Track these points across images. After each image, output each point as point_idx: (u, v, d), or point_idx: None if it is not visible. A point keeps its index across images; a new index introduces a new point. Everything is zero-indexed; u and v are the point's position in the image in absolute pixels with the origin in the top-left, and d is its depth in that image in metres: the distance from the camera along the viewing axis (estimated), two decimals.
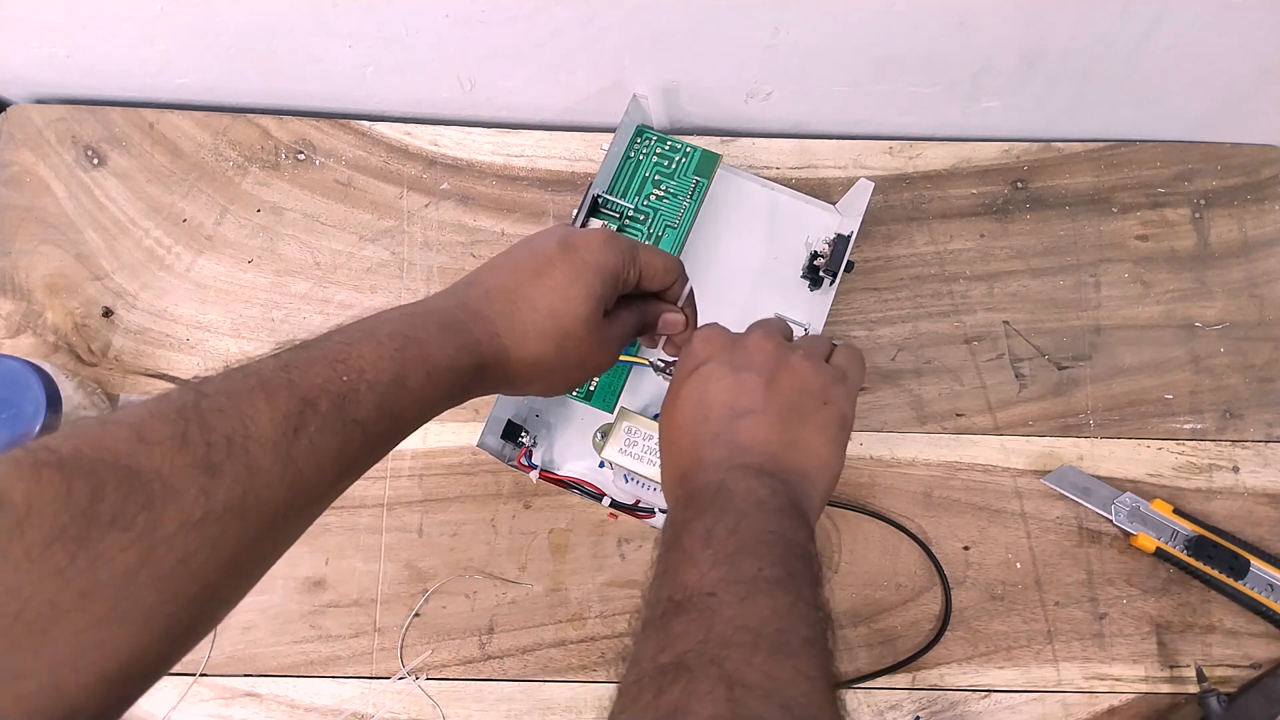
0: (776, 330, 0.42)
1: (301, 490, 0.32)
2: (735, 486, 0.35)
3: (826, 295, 0.58)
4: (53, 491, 0.26)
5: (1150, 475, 0.59)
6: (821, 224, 0.61)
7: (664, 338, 0.48)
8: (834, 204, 0.62)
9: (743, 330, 0.43)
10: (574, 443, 0.57)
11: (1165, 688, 0.56)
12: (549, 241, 0.42)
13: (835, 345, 0.43)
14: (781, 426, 0.38)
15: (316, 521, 0.57)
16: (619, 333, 0.44)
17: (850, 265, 0.57)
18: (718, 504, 0.35)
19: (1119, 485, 0.58)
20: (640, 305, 0.46)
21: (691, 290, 0.47)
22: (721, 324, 0.44)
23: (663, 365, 0.49)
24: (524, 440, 0.55)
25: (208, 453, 0.29)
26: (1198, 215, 0.64)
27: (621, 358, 0.55)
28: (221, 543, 0.29)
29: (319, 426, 0.32)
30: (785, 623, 0.30)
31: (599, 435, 0.57)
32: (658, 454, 0.52)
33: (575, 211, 0.56)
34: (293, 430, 0.32)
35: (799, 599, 0.31)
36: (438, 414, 0.39)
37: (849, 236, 0.56)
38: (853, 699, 0.55)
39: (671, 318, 0.47)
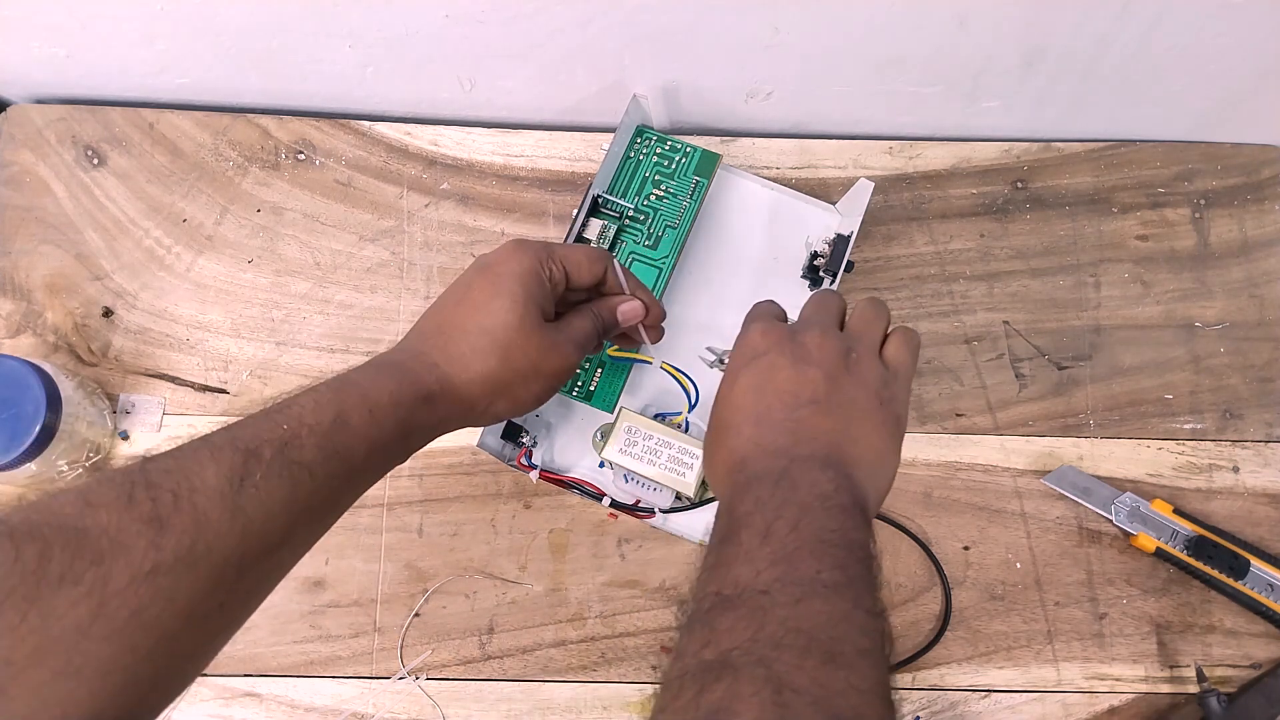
0: (833, 325, 0.42)
1: (254, 538, 0.32)
2: (799, 477, 0.34)
3: None
4: (1, 557, 0.27)
5: (1150, 475, 0.59)
6: (821, 224, 0.61)
7: (641, 329, 0.48)
8: (834, 204, 0.62)
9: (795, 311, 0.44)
10: (574, 443, 0.57)
11: (1165, 688, 0.56)
12: (467, 272, 0.44)
13: (889, 331, 0.42)
14: (844, 419, 0.37)
15: None
16: (571, 335, 0.44)
17: (850, 265, 0.57)
18: (779, 495, 0.34)
19: (1119, 485, 0.58)
20: (590, 307, 0.46)
21: (628, 270, 0.47)
22: (776, 302, 0.44)
23: (714, 358, 0.49)
24: (524, 440, 0.55)
25: (154, 508, 0.30)
26: (1198, 215, 0.64)
27: (622, 355, 0.55)
28: (175, 593, 0.29)
29: (264, 474, 0.33)
30: (840, 630, 0.29)
31: (599, 435, 0.57)
32: (658, 454, 0.52)
33: (575, 211, 0.56)
34: (239, 480, 0.32)
35: (857, 607, 0.30)
36: (396, 456, 0.39)
37: (849, 236, 0.57)
38: None
39: (628, 307, 0.47)
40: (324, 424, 0.36)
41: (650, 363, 0.53)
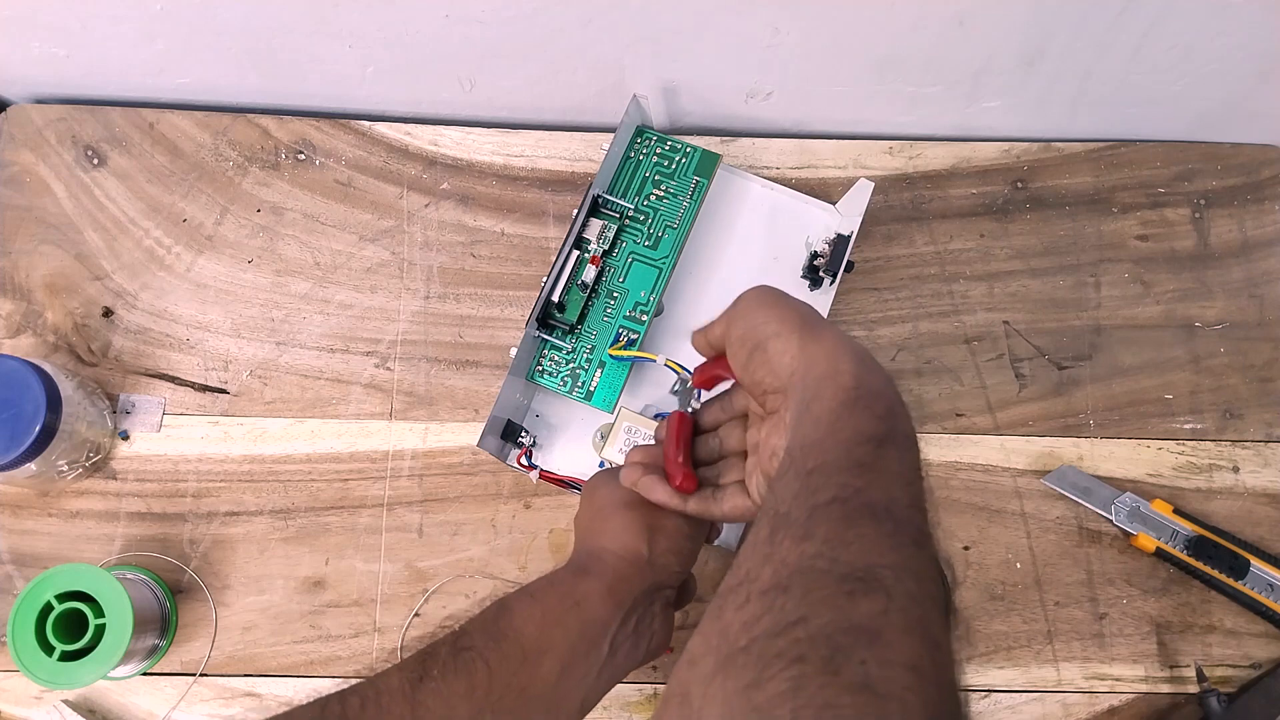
0: None
1: None
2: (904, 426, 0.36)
3: (826, 295, 0.58)
4: None
5: (1150, 475, 0.59)
6: (821, 224, 0.61)
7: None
8: (834, 204, 0.62)
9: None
10: (574, 443, 0.57)
11: (1165, 688, 0.56)
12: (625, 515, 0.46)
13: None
14: None
15: (316, 521, 0.58)
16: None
17: (850, 265, 0.57)
18: (914, 446, 0.35)
19: (1119, 485, 0.58)
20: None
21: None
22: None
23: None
24: (524, 440, 0.55)
25: (343, 710, 0.36)
26: (1198, 215, 0.64)
27: (623, 354, 0.55)
28: None
29: (440, 669, 0.38)
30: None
31: (599, 435, 0.57)
32: None
33: (575, 211, 0.56)
34: (417, 679, 0.37)
35: (935, 559, 0.33)
36: (578, 636, 0.41)
37: (849, 236, 0.57)
38: None
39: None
40: (488, 615, 0.41)
41: (655, 360, 0.53)
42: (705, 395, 0.47)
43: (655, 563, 0.44)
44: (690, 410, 0.47)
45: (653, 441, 0.51)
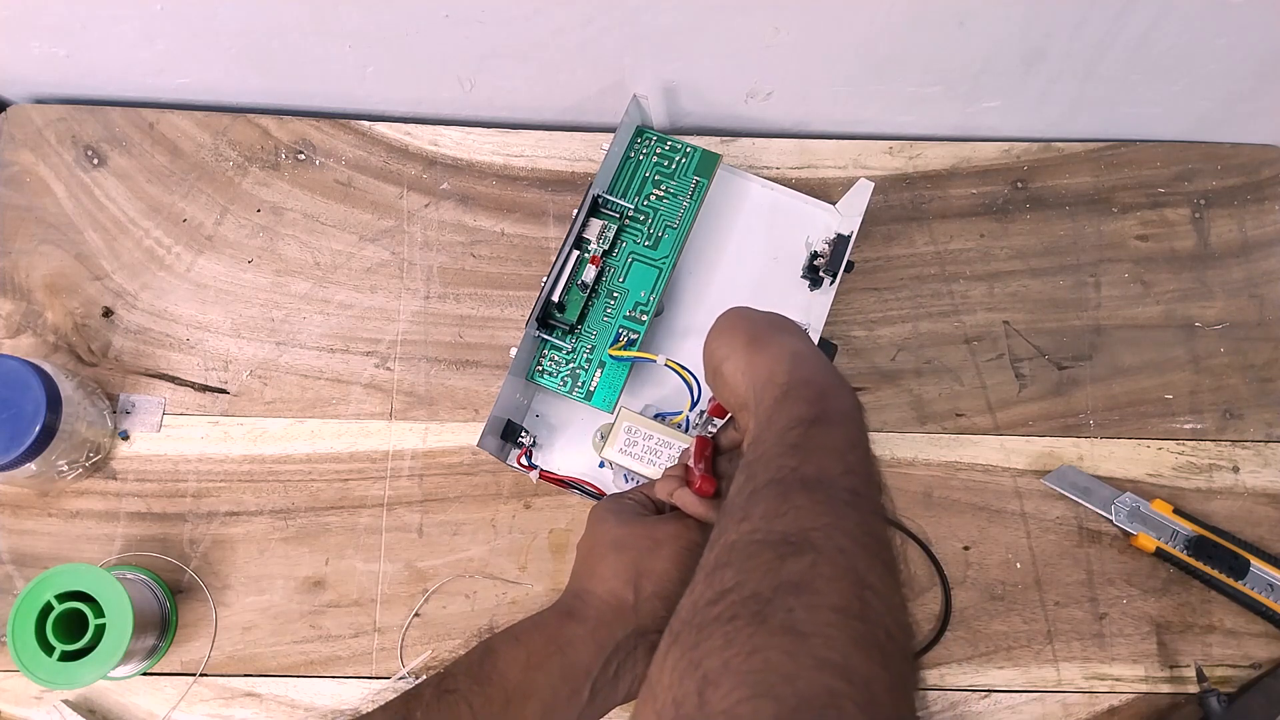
0: None
1: None
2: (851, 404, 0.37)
3: (826, 295, 0.58)
4: None
5: (1150, 475, 0.59)
6: (821, 224, 0.61)
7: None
8: (834, 204, 0.62)
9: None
10: (574, 443, 0.57)
11: (1165, 688, 0.56)
12: (635, 541, 0.46)
13: None
14: None
15: (316, 521, 0.58)
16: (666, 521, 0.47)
17: (850, 265, 0.57)
18: (850, 421, 0.36)
19: (1119, 485, 0.58)
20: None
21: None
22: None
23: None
24: (524, 440, 0.55)
25: None
26: (1198, 215, 0.64)
27: (623, 354, 0.55)
28: None
29: (424, 711, 0.39)
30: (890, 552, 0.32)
31: (599, 435, 0.57)
32: (658, 454, 0.52)
33: (575, 211, 0.56)
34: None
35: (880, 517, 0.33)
36: (560, 680, 0.42)
37: (849, 236, 0.57)
38: None
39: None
40: (473, 657, 0.42)
41: (655, 360, 0.54)
42: (719, 422, 0.49)
43: (640, 608, 0.44)
44: (709, 434, 0.48)
45: (653, 439, 0.52)
